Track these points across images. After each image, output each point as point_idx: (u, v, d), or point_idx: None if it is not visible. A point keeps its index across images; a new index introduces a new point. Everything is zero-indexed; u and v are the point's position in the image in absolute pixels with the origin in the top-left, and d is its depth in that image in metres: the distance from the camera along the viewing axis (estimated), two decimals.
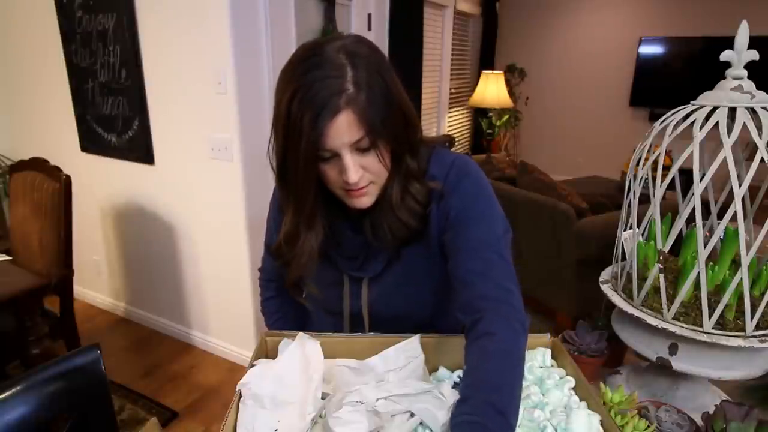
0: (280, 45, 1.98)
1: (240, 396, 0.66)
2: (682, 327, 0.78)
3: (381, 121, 0.66)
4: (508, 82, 4.83)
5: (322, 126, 0.63)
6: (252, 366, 0.70)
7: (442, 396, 0.62)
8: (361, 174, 0.68)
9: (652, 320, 0.81)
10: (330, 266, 0.85)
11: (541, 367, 0.73)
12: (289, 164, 0.69)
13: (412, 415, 0.62)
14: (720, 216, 0.84)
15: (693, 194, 0.77)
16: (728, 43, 0.78)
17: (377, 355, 0.72)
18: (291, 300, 1.05)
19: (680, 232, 0.85)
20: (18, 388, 0.84)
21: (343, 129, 0.64)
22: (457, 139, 4.59)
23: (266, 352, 0.76)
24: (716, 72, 0.86)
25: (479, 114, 4.79)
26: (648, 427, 0.73)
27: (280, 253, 0.81)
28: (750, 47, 0.78)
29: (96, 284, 2.76)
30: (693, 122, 0.79)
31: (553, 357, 0.76)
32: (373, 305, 0.84)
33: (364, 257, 0.82)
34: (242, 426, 0.62)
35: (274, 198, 0.91)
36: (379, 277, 0.83)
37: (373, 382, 0.66)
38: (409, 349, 0.72)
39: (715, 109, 0.78)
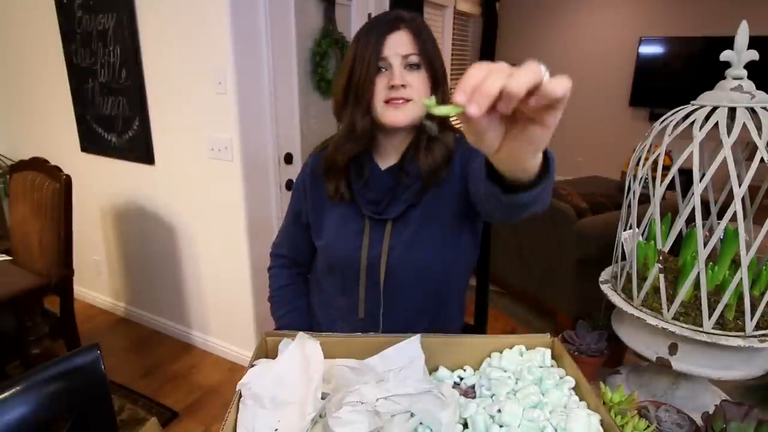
0: (280, 45, 1.98)
1: (240, 396, 0.66)
2: (682, 327, 0.78)
3: (428, 49, 0.87)
4: None
5: (384, 36, 0.85)
6: (252, 366, 0.70)
7: (442, 396, 0.62)
8: (404, 83, 0.85)
9: (652, 320, 0.81)
10: (353, 213, 0.93)
11: (541, 367, 0.73)
12: (356, 69, 0.86)
13: (412, 415, 0.62)
14: (720, 216, 0.84)
15: (693, 194, 0.77)
16: (728, 43, 0.78)
17: (377, 354, 0.72)
18: (305, 290, 1.10)
19: (680, 232, 0.85)
20: (18, 388, 0.84)
21: (399, 41, 0.85)
22: None
23: (266, 352, 0.76)
24: (716, 72, 0.86)
25: None
26: (648, 427, 0.73)
27: (338, 143, 0.93)
28: (750, 47, 0.78)
29: (96, 284, 2.76)
30: (693, 122, 0.79)
31: (552, 357, 0.76)
32: (392, 251, 0.90)
33: (388, 200, 0.91)
34: (242, 426, 0.62)
35: (309, 165, 1.02)
36: (402, 218, 0.91)
37: (374, 382, 0.66)
38: (409, 349, 0.72)
39: (715, 109, 0.78)
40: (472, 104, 0.37)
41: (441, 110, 0.41)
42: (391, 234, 0.91)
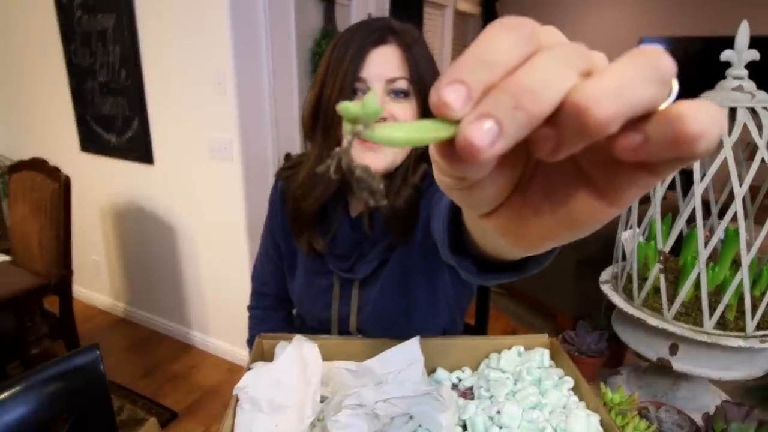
0: (280, 45, 1.98)
1: (237, 400, 0.66)
2: (683, 327, 0.78)
3: (422, 72, 0.68)
4: None
5: (366, 50, 0.66)
6: (249, 369, 0.70)
7: (441, 398, 0.62)
8: (385, 115, 0.65)
9: (652, 320, 0.81)
10: (321, 266, 0.85)
11: (540, 368, 0.73)
12: (327, 89, 0.69)
13: (412, 417, 0.61)
14: (720, 216, 0.83)
15: (693, 194, 0.77)
16: (728, 43, 0.78)
17: (376, 357, 0.72)
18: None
19: (680, 232, 0.84)
20: (18, 388, 0.84)
21: (384, 59, 0.67)
22: None
23: (262, 354, 0.76)
24: (716, 72, 0.86)
25: None
26: (648, 427, 0.73)
27: (304, 186, 0.79)
28: (750, 47, 0.78)
29: (96, 284, 2.76)
30: None
31: (551, 357, 0.76)
32: (361, 310, 0.83)
33: (356, 257, 0.82)
34: (240, 430, 0.62)
35: (278, 187, 0.91)
36: (370, 279, 0.82)
37: (372, 385, 0.66)
38: (408, 352, 0.72)
39: None
40: (480, 124, 0.16)
41: (391, 133, 0.19)
42: (360, 294, 0.83)
